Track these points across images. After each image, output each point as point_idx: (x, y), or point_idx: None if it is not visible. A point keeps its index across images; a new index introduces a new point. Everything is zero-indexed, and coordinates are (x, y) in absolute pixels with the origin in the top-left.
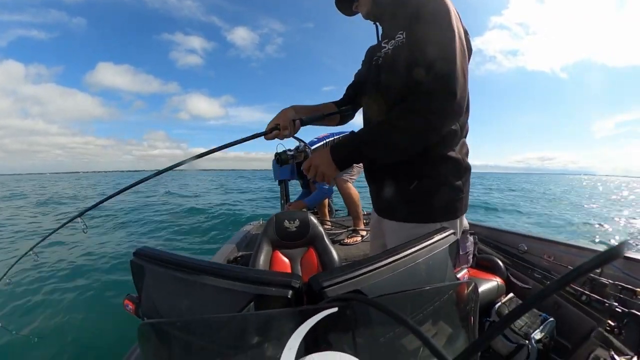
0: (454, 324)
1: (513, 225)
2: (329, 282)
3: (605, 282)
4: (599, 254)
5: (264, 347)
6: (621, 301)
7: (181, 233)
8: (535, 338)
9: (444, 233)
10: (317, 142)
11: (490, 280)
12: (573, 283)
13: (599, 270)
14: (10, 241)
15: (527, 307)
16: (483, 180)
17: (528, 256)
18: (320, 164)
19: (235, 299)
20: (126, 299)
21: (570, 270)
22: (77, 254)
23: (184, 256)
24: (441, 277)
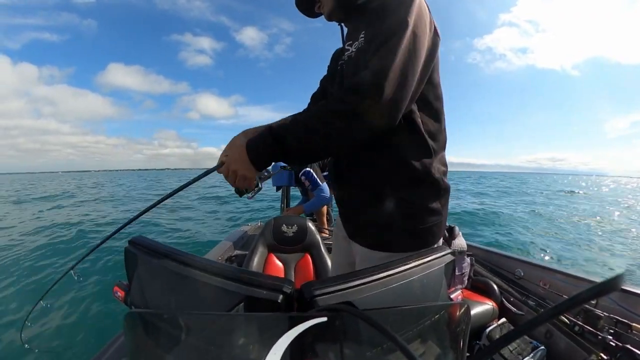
0: (443, 344)
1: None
2: (320, 290)
3: (600, 314)
4: (595, 285)
5: (249, 349)
6: (615, 335)
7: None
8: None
9: (441, 252)
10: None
11: (484, 304)
12: (567, 313)
13: (594, 301)
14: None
15: (518, 333)
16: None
17: (524, 282)
18: (238, 168)
19: (225, 297)
20: (116, 286)
21: (565, 299)
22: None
23: (179, 250)
24: (435, 296)
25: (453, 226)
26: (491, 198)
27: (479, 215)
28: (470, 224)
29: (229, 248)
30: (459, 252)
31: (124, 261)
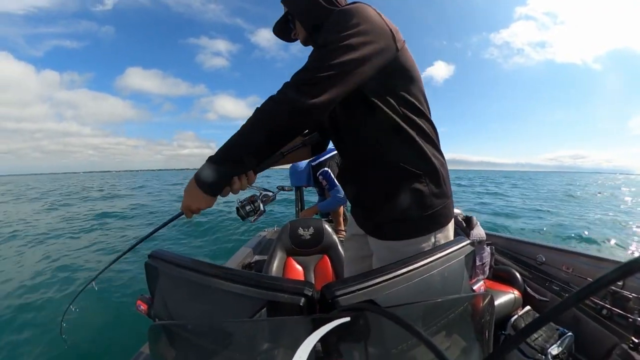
0: (468, 336)
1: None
2: (342, 291)
3: (628, 295)
4: (621, 265)
5: (274, 354)
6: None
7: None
8: (552, 353)
9: (460, 243)
10: (334, 150)
11: (507, 293)
12: (593, 296)
13: (621, 282)
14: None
15: (544, 320)
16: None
17: (546, 267)
18: (191, 202)
19: (248, 304)
20: (139, 300)
21: (590, 282)
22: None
23: (199, 260)
24: (457, 289)
25: (471, 216)
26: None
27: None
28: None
29: (248, 254)
30: (478, 242)
31: (145, 275)
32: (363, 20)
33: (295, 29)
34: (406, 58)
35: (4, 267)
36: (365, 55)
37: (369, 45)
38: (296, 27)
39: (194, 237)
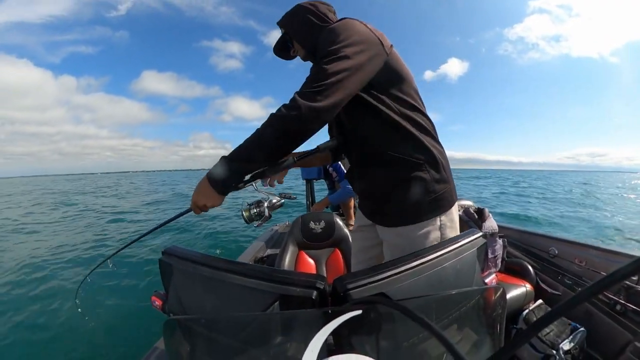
0: (479, 330)
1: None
2: (353, 284)
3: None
4: (636, 259)
5: (287, 347)
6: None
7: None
8: (564, 348)
9: (472, 235)
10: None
11: (519, 286)
12: (607, 291)
13: (635, 277)
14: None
15: (556, 314)
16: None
17: (558, 260)
18: (199, 199)
19: (261, 298)
20: (153, 296)
21: (604, 276)
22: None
23: (211, 255)
24: (468, 282)
25: (483, 208)
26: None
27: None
28: None
29: (261, 248)
30: (490, 234)
31: (159, 271)
32: (352, 33)
33: (294, 48)
34: (396, 60)
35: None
36: (361, 62)
37: (362, 53)
38: (294, 46)
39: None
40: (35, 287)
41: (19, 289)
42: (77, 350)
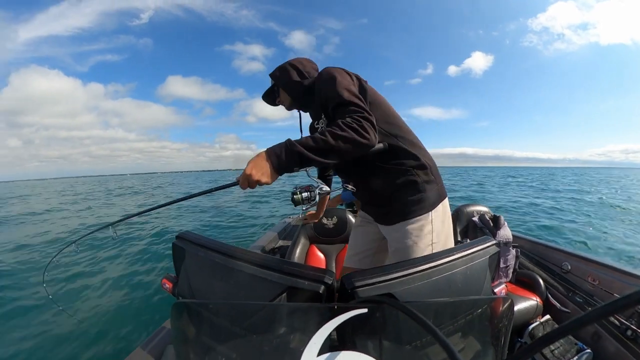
0: (483, 340)
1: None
2: (361, 282)
3: None
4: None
5: (290, 338)
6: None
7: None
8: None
9: (486, 243)
10: None
11: (528, 299)
12: (618, 314)
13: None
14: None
15: (563, 332)
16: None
17: (570, 276)
18: (256, 174)
19: (269, 288)
20: (164, 278)
21: (617, 298)
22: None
23: (224, 243)
24: (478, 289)
25: (498, 216)
26: None
27: None
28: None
29: (273, 239)
30: (504, 243)
31: (172, 255)
32: (343, 76)
33: (280, 98)
34: (373, 90)
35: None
36: (361, 95)
37: (355, 88)
38: (280, 96)
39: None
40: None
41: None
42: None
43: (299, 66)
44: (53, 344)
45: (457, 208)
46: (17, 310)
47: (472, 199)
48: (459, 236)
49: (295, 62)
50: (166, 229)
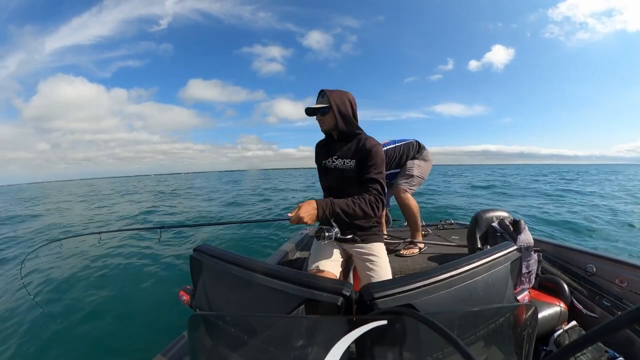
0: (507, 349)
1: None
2: (380, 293)
3: None
4: None
5: (308, 351)
6: None
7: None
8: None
9: (507, 249)
10: (390, 143)
11: (552, 305)
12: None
13: None
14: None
15: (591, 339)
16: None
17: (596, 279)
18: (305, 216)
19: (287, 300)
20: (182, 291)
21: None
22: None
23: (242, 255)
24: (499, 298)
25: (519, 220)
26: None
27: None
28: None
29: (290, 250)
30: (525, 247)
31: (189, 268)
32: (384, 159)
33: (323, 120)
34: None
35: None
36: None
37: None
38: (327, 117)
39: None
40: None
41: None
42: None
43: (354, 106)
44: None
45: (476, 214)
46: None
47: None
48: (479, 243)
49: (352, 99)
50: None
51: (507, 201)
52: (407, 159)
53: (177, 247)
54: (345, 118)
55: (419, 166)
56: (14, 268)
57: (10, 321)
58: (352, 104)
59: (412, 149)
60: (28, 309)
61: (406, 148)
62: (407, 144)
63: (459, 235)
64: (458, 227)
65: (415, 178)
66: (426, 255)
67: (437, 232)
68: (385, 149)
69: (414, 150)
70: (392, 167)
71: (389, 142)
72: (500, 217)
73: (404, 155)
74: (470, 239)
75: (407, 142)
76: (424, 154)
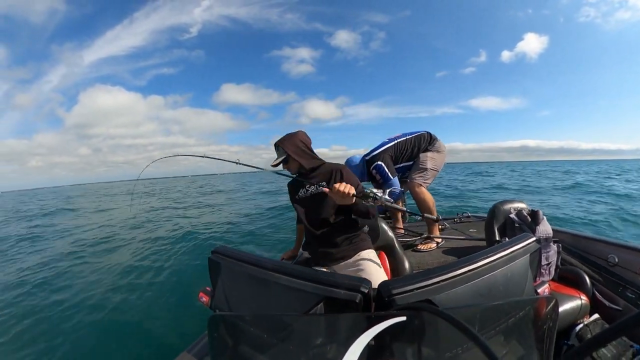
0: (527, 344)
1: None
2: (398, 289)
3: None
4: None
5: (327, 349)
6: None
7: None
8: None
9: (525, 240)
10: (389, 142)
11: (573, 297)
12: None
13: None
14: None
15: (615, 333)
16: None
17: (619, 270)
18: (348, 189)
19: (305, 298)
20: (201, 292)
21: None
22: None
23: (259, 256)
24: (519, 291)
25: (537, 210)
26: None
27: None
28: None
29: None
30: (544, 238)
31: (208, 269)
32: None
33: (288, 165)
34: None
35: None
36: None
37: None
38: (289, 163)
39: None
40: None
41: None
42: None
43: (307, 142)
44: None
45: (494, 206)
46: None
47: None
48: (497, 235)
49: (303, 137)
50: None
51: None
52: (418, 152)
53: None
54: (304, 157)
55: (432, 158)
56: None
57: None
58: (304, 142)
59: (423, 141)
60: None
61: (417, 140)
62: (419, 136)
63: (477, 228)
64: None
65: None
66: (444, 250)
67: (454, 226)
68: (396, 142)
69: (426, 142)
70: (404, 160)
71: (400, 135)
72: (517, 208)
73: (415, 148)
74: (488, 232)
75: (418, 134)
76: (437, 145)
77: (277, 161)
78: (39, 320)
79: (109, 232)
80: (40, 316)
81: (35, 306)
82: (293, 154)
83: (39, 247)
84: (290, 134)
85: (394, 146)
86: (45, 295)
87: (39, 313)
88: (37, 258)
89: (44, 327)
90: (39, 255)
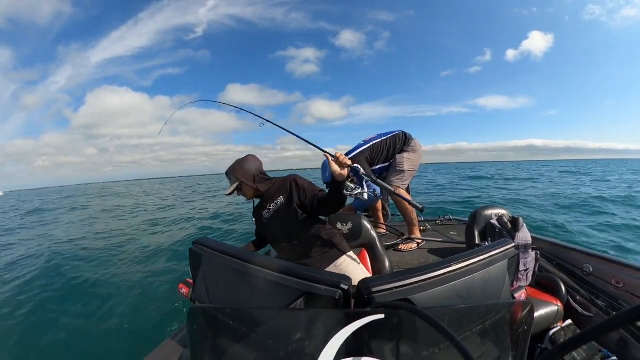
0: (502, 346)
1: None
2: (378, 287)
3: None
4: None
5: (306, 344)
6: None
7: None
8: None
9: (505, 246)
10: (364, 144)
11: (548, 303)
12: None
13: None
14: None
15: (586, 338)
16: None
17: (593, 279)
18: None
19: (286, 293)
20: (181, 283)
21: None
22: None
23: (241, 248)
24: (496, 294)
25: (517, 217)
26: None
27: None
28: None
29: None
30: (523, 245)
31: (188, 260)
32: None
33: (242, 192)
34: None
35: None
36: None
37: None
38: (243, 189)
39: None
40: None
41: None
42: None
43: (257, 165)
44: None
45: (475, 211)
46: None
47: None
48: (478, 239)
49: (252, 160)
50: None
51: None
52: (394, 152)
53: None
54: (255, 181)
55: (408, 159)
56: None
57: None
58: (253, 166)
59: (399, 141)
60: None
61: (393, 141)
62: (394, 136)
63: (457, 231)
64: (456, 224)
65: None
66: (424, 251)
67: (435, 228)
68: (372, 144)
69: (401, 142)
70: (380, 162)
71: (375, 136)
72: (499, 214)
73: (390, 149)
74: (468, 235)
75: (394, 134)
76: (412, 144)
77: (230, 190)
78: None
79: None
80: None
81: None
82: (247, 180)
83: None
84: (239, 161)
85: (370, 148)
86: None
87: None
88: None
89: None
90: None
